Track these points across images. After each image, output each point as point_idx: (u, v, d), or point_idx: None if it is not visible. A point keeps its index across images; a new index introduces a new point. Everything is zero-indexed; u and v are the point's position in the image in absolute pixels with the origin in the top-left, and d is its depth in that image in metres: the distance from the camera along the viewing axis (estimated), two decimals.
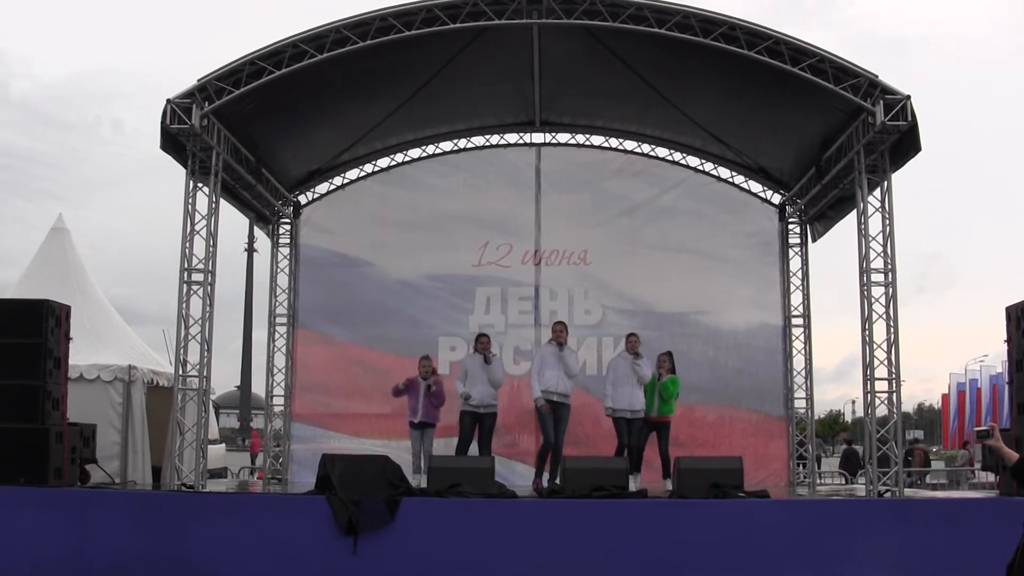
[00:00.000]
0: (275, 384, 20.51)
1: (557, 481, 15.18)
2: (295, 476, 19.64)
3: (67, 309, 15.35)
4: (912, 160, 15.21)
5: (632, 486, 15.24)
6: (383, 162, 20.87)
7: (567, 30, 15.67)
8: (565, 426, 16.18)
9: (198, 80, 14.91)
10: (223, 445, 32.70)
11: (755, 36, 14.67)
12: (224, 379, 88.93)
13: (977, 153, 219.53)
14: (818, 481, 20.74)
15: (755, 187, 20.58)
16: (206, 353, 15.63)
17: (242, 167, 17.33)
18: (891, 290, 15.36)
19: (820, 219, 19.70)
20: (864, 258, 15.46)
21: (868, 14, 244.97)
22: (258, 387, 36.22)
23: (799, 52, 14.66)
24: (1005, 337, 15.08)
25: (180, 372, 15.56)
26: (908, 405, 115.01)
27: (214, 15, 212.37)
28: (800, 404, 20.09)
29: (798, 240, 20.39)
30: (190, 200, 15.75)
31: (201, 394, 15.61)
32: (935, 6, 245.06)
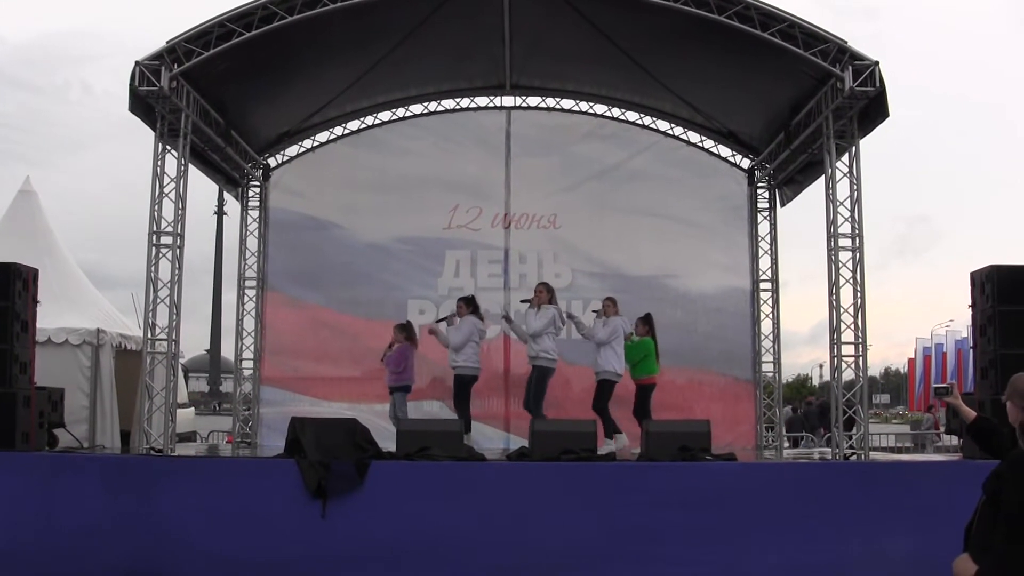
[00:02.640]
0: (244, 348, 20.52)
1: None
2: (264, 440, 19.65)
3: (35, 272, 15.24)
4: (884, 125, 15.31)
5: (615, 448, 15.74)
6: (353, 124, 20.81)
7: None
8: (534, 387, 16.40)
9: (167, 42, 14.78)
10: (192, 409, 32.68)
11: (725, 0, 14.68)
12: (194, 343, 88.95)
13: (970, 116, 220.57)
14: (785, 444, 20.87)
15: (724, 152, 20.66)
16: (175, 317, 15.58)
17: (211, 129, 17.25)
18: (858, 255, 15.45)
19: (789, 184, 19.78)
20: (832, 223, 15.54)
21: None
22: (228, 351, 36.18)
23: (769, 17, 14.67)
24: (970, 302, 15.19)
25: (149, 336, 15.49)
26: (878, 369, 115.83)
27: None
28: (768, 368, 20.22)
29: (767, 205, 20.48)
30: (159, 163, 15.65)
31: (170, 358, 15.57)
32: None
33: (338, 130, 20.83)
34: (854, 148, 15.62)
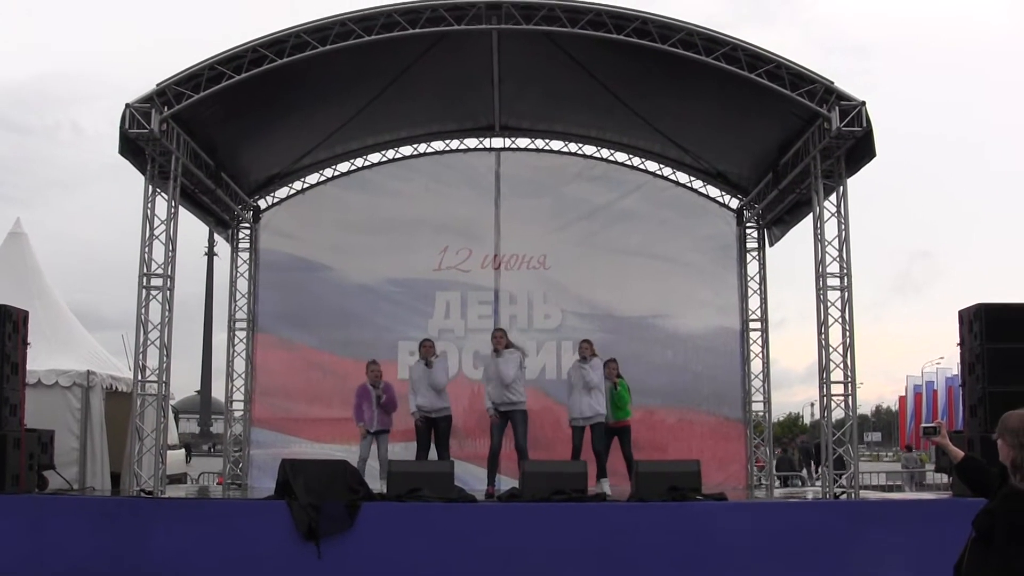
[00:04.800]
0: (235, 389, 20.48)
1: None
2: (255, 481, 19.56)
3: (25, 314, 15.27)
4: (878, 161, 15.38)
5: (607, 490, 15.55)
6: (343, 166, 20.87)
7: (526, 35, 15.72)
8: (523, 429, 16.08)
9: (157, 85, 14.87)
10: (183, 450, 32.60)
11: (713, 42, 14.79)
12: (184, 384, 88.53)
13: (971, 151, 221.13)
14: (775, 483, 20.87)
15: (713, 192, 20.72)
16: (165, 358, 15.60)
17: (201, 172, 17.29)
18: (847, 294, 15.51)
19: (777, 224, 19.85)
20: (820, 263, 15.61)
21: (832, 15, 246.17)
22: (218, 392, 36.18)
23: (756, 58, 14.79)
24: (958, 340, 15.24)
25: (139, 377, 15.51)
26: (869, 407, 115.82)
27: (176, 19, 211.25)
28: (759, 407, 20.23)
29: (756, 244, 20.54)
30: (149, 205, 15.69)
31: (160, 399, 15.56)
32: (899, 7, 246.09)
33: (328, 172, 20.87)
34: (842, 188, 15.71)
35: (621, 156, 20.74)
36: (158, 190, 15.89)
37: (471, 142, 20.89)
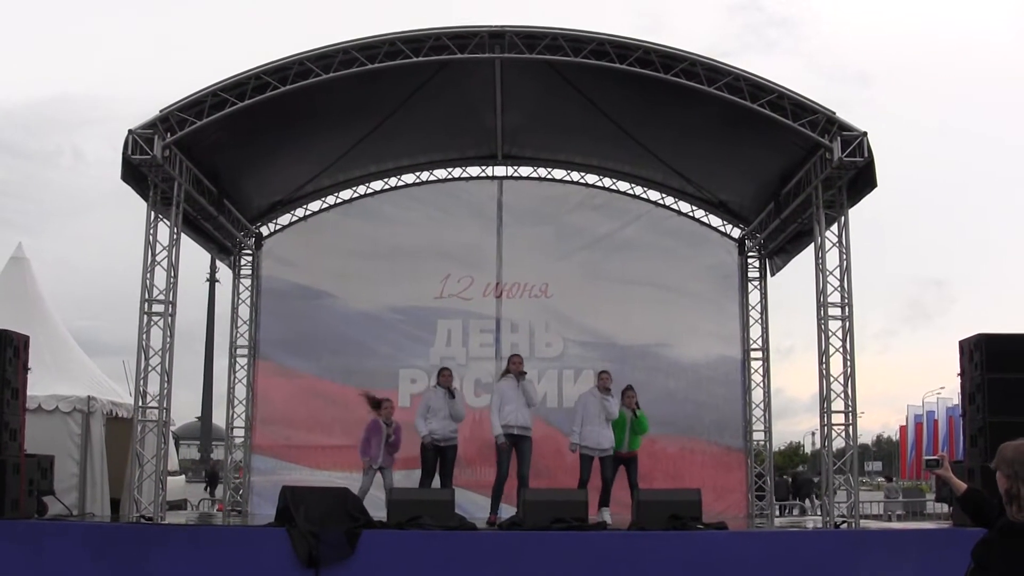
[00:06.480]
0: (235, 416, 20.43)
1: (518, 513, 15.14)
2: (255, 508, 19.53)
3: (25, 339, 15.25)
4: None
5: (608, 519, 15.47)
6: (345, 194, 20.88)
7: (529, 65, 15.76)
8: (528, 458, 16.06)
9: (160, 111, 14.88)
10: (183, 477, 32.54)
11: (715, 72, 14.82)
12: (184, 410, 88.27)
13: (978, 178, 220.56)
14: (776, 513, 20.81)
15: (715, 221, 20.74)
16: (166, 385, 15.58)
17: (204, 198, 17.30)
18: (848, 324, 15.50)
19: (779, 253, 19.85)
20: (821, 293, 15.60)
21: (834, 43, 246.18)
22: (219, 418, 36.00)
23: (758, 88, 14.80)
24: (959, 371, 15.24)
25: (140, 403, 15.49)
26: (870, 436, 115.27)
27: (178, 44, 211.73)
28: (760, 436, 20.19)
29: (757, 274, 20.56)
30: (151, 231, 15.70)
31: (161, 425, 15.55)
32: (902, 35, 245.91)
33: (330, 199, 20.88)
34: (843, 218, 15.72)
35: (623, 185, 20.78)
36: (160, 216, 15.90)
37: (473, 170, 20.92)
